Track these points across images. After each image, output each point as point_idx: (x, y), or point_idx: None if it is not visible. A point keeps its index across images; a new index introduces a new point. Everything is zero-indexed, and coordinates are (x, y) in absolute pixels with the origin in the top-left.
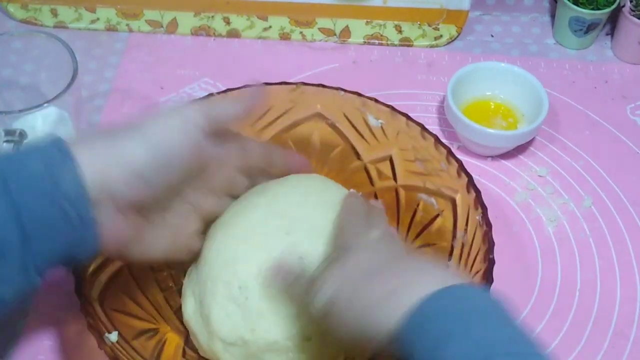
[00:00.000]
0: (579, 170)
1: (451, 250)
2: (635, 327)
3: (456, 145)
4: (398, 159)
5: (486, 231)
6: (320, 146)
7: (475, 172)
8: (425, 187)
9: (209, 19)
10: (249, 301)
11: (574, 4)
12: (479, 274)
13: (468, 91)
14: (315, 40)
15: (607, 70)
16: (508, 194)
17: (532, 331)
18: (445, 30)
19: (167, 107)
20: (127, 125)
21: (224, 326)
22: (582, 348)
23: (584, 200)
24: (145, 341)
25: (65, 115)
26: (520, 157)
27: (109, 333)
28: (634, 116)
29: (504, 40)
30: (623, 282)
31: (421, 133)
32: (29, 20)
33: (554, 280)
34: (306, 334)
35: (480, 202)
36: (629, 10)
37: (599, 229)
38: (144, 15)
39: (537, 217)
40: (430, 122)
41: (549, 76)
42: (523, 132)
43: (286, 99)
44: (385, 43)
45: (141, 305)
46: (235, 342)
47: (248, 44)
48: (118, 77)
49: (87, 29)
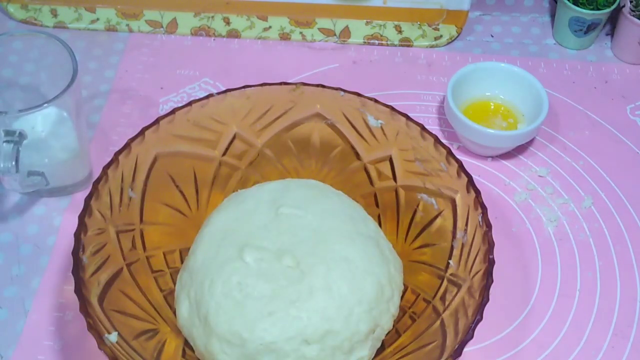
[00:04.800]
0: (579, 171)
1: (451, 250)
2: (635, 327)
3: (456, 146)
4: (398, 159)
5: (486, 231)
6: (320, 146)
7: (475, 172)
8: (425, 187)
9: (209, 19)
10: (248, 299)
11: (574, 4)
12: (479, 274)
13: (468, 91)
14: (315, 40)
15: (607, 70)
16: (508, 194)
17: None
18: (445, 31)
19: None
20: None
21: (222, 323)
22: (582, 348)
23: (584, 200)
24: (145, 341)
25: (65, 116)
26: (520, 157)
27: (109, 333)
28: (634, 116)
29: (504, 41)
30: (623, 282)
31: (421, 133)
32: (29, 21)
33: (554, 280)
34: (305, 337)
35: (480, 202)
36: (629, 11)
37: (599, 229)
38: (144, 16)
39: (537, 217)
40: (430, 122)
41: (549, 76)
42: (523, 132)
43: (286, 99)
44: (385, 43)
45: (141, 306)
46: (233, 340)
47: (248, 44)
48: (118, 77)
49: (87, 29)
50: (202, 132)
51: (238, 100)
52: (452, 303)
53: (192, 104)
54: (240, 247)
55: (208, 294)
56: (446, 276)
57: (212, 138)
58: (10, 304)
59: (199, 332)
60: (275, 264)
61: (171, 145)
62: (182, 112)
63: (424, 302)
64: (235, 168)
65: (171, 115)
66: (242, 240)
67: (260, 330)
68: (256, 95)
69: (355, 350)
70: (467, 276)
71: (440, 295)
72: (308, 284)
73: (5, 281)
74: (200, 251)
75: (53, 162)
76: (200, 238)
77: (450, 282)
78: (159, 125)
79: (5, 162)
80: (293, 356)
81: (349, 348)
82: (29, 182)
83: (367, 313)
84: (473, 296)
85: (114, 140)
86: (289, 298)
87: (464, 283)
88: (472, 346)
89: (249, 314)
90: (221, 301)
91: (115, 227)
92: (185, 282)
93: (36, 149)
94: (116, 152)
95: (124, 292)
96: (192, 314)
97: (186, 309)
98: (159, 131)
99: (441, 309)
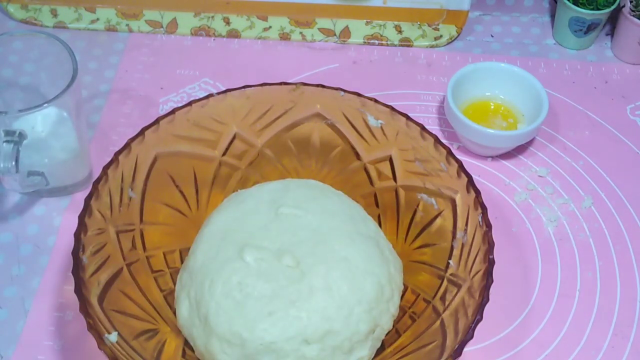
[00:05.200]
0: (579, 171)
1: (451, 250)
2: (635, 327)
3: (456, 146)
4: (398, 159)
5: (486, 231)
6: (320, 146)
7: (475, 172)
8: (425, 187)
9: (209, 19)
10: (248, 299)
11: (574, 4)
12: (479, 274)
13: (468, 91)
14: (315, 40)
15: (607, 70)
16: (508, 194)
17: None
18: (445, 31)
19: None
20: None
21: (222, 323)
22: (582, 348)
23: (584, 200)
24: (145, 341)
25: (65, 116)
26: (520, 157)
27: (109, 333)
28: (634, 116)
29: (504, 41)
30: (623, 282)
31: (421, 133)
32: (29, 21)
33: (554, 280)
34: (305, 337)
35: (480, 202)
36: (629, 11)
37: (599, 229)
38: (143, 16)
39: (537, 217)
40: (430, 122)
41: (549, 76)
42: (523, 133)
43: (286, 99)
44: (385, 43)
45: (141, 306)
46: (233, 341)
47: (248, 44)
48: (118, 77)
49: (87, 29)
50: (202, 132)
51: (238, 100)
52: (452, 303)
53: (192, 104)
54: (240, 247)
55: (208, 294)
56: (446, 276)
57: (212, 138)
58: (10, 304)
59: (199, 332)
60: (275, 264)
61: (171, 145)
62: (182, 112)
63: (424, 302)
64: (235, 168)
65: (171, 115)
66: (242, 240)
67: (260, 330)
68: (256, 95)
69: (355, 350)
70: (467, 276)
71: (440, 295)
72: (308, 283)
73: (5, 281)
74: (200, 251)
75: (53, 162)
76: (200, 238)
77: (450, 282)
78: (159, 125)
79: (5, 162)
80: (293, 356)
81: (349, 348)
82: (29, 182)
83: (367, 313)
84: (473, 296)
85: (114, 140)
86: (289, 298)
87: (464, 283)
88: (472, 346)
89: (249, 314)
90: (221, 301)
91: (115, 227)
92: (185, 282)
93: (36, 149)
94: (116, 152)
95: (124, 292)
96: (192, 314)
97: (186, 309)
98: (159, 131)
99: (441, 309)
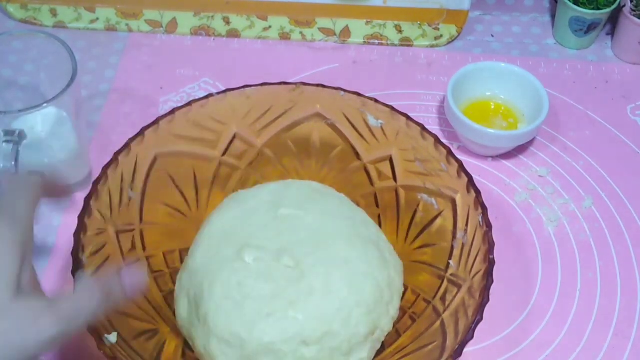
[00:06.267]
0: (579, 171)
1: (451, 250)
2: (635, 327)
3: (456, 146)
4: (398, 159)
5: (486, 231)
6: (320, 146)
7: (475, 172)
8: (425, 187)
9: (209, 19)
10: (247, 300)
11: (574, 4)
12: (479, 274)
13: (468, 91)
14: (315, 40)
15: (608, 70)
16: (508, 194)
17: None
18: (446, 30)
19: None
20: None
21: (221, 323)
22: (582, 348)
23: (585, 200)
24: (145, 342)
25: (65, 115)
26: (520, 157)
27: (109, 334)
28: (634, 116)
29: (504, 40)
30: (623, 282)
31: (421, 133)
32: (28, 20)
33: (554, 280)
34: (304, 338)
35: (480, 202)
36: (629, 10)
37: (599, 229)
38: (143, 15)
39: (537, 217)
40: (430, 122)
41: (549, 76)
42: (523, 132)
43: (286, 99)
44: (385, 43)
45: (141, 306)
46: (232, 341)
47: (248, 44)
48: (118, 77)
49: (87, 29)
50: (202, 132)
51: (238, 100)
52: (452, 303)
53: (192, 104)
54: (240, 247)
55: (207, 294)
56: (446, 276)
57: (212, 138)
58: None
59: (198, 333)
60: (275, 264)
61: (171, 145)
62: (182, 112)
63: (424, 302)
64: (235, 168)
65: (171, 115)
66: (241, 241)
67: (259, 331)
68: (256, 95)
69: (354, 352)
70: (467, 276)
71: (441, 295)
72: (307, 284)
73: None
74: (199, 251)
75: (53, 162)
76: (199, 238)
77: (450, 283)
78: (158, 125)
79: (5, 162)
80: (292, 357)
81: (348, 349)
82: None
83: (366, 315)
84: (473, 296)
85: (113, 140)
86: (288, 299)
87: (464, 283)
88: (473, 346)
89: (248, 315)
90: (220, 302)
91: (115, 227)
92: (185, 282)
93: (36, 149)
94: (116, 152)
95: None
96: (192, 314)
97: (185, 309)
98: (159, 131)
99: (441, 309)
